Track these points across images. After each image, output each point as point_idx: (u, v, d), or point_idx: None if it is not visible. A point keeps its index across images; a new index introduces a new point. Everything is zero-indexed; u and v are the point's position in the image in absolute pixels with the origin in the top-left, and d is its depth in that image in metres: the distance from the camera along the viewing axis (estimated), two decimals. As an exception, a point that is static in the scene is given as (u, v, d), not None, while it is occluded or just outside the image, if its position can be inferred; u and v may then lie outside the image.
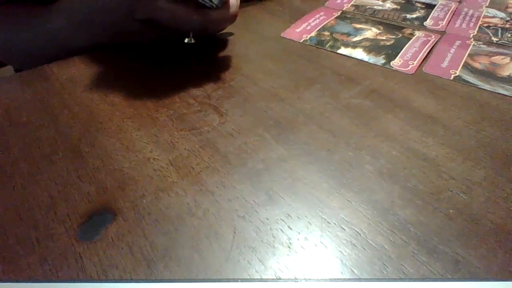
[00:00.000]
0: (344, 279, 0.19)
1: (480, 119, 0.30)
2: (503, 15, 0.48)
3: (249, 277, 0.19)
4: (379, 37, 0.43)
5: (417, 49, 0.40)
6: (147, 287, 0.19)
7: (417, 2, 0.53)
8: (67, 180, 0.25)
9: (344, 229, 0.22)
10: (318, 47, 0.41)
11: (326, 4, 0.52)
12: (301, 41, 0.43)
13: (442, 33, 0.44)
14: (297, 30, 0.45)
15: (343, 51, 0.40)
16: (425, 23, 0.47)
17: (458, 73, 0.36)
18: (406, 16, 0.49)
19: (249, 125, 0.30)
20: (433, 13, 0.49)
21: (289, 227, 0.22)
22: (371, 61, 0.38)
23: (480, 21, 0.47)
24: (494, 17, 0.48)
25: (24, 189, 0.24)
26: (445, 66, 0.38)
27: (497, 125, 0.30)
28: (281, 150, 0.27)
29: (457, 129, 0.29)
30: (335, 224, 0.22)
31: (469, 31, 0.45)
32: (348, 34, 0.44)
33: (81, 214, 0.23)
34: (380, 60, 0.39)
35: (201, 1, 0.31)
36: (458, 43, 0.42)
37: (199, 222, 0.22)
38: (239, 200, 0.24)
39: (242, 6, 0.38)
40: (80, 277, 0.19)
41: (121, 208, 0.23)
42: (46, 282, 0.19)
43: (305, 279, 0.19)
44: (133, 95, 0.33)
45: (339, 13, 0.49)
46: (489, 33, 0.44)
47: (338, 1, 0.53)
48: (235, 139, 0.28)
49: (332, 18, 0.48)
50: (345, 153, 0.27)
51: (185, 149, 0.27)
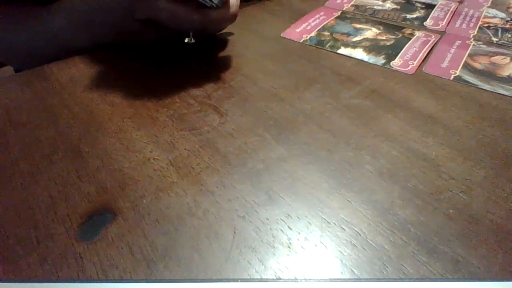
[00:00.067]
0: (344, 279, 0.19)
1: (480, 119, 0.30)
2: (503, 15, 0.48)
3: (249, 277, 0.19)
4: (379, 37, 0.43)
5: (417, 49, 0.40)
6: (147, 287, 0.19)
7: (417, 2, 0.53)
8: (67, 180, 0.25)
9: (344, 229, 0.22)
10: (318, 47, 0.41)
11: (326, 4, 0.52)
12: (301, 41, 0.43)
13: (442, 33, 0.44)
14: (297, 30, 0.45)
15: (343, 51, 0.40)
16: (425, 23, 0.47)
17: (458, 73, 0.36)
18: (406, 16, 0.49)
19: (249, 125, 0.30)
20: (433, 13, 0.49)
21: (289, 227, 0.22)
22: (371, 61, 0.38)
23: (480, 21, 0.47)
24: (494, 17, 0.48)
25: (24, 189, 0.24)
26: (445, 66, 0.38)
27: (497, 125, 0.30)
28: (281, 150, 0.27)
29: (457, 129, 0.29)
30: (335, 224, 0.22)
31: (469, 31, 0.45)
32: (348, 34, 0.44)
33: (81, 214, 0.23)
34: (380, 60, 0.39)
35: (201, 0, 0.31)
36: (458, 43, 0.42)
37: (199, 222, 0.22)
38: (239, 200, 0.24)
39: (242, 6, 0.38)
40: (80, 277, 0.19)
41: (121, 208, 0.23)
42: (46, 282, 0.19)
43: (305, 279, 0.19)
44: (133, 95, 0.33)
45: (339, 13, 0.49)
46: (489, 33, 0.44)
47: (338, 1, 0.53)
48: (235, 139, 0.28)
49: (332, 18, 0.48)
50: (345, 153, 0.27)
51: (185, 149, 0.27)
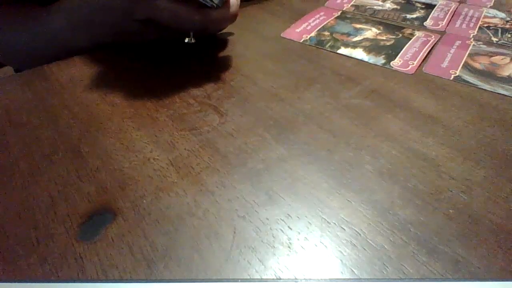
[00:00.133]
0: (344, 279, 0.19)
1: (480, 119, 0.30)
2: (503, 16, 0.48)
3: (249, 277, 0.19)
4: (379, 37, 0.43)
5: (417, 49, 0.40)
6: (147, 287, 0.19)
7: (417, 2, 0.53)
8: (67, 180, 0.25)
9: (344, 229, 0.22)
10: (318, 47, 0.41)
11: (326, 4, 0.52)
12: (301, 41, 0.43)
13: (442, 33, 0.44)
14: (297, 30, 0.45)
15: (343, 51, 0.40)
16: (425, 23, 0.47)
17: (458, 73, 0.36)
18: (406, 16, 0.49)
19: (249, 125, 0.30)
20: (433, 13, 0.49)
21: (289, 227, 0.22)
22: (371, 61, 0.38)
23: (480, 21, 0.47)
24: (494, 17, 0.48)
25: (24, 189, 0.24)
26: (445, 66, 0.38)
27: (497, 125, 0.30)
28: (281, 150, 0.27)
29: (457, 129, 0.29)
30: (335, 224, 0.22)
31: (469, 31, 0.45)
32: (348, 34, 0.44)
33: (81, 214, 0.23)
34: (380, 60, 0.39)
35: (201, 0, 0.31)
36: (458, 43, 0.42)
37: (199, 222, 0.22)
38: (239, 200, 0.24)
39: (242, 6, 0.38)
40: (80, 277, 0.19)
41: (121, 208, 0.23)
42: (46, 282, 0.19)
43: (305, 279, 0.19)
44: (133, 95, 0.33)
45: (339, 13, 0.49)
46: (489, 33, 0.44)
47: (338, 1, 0.53)
48: (235, 139, 0.28)
49: (332, 18, 0.48)
50: (345, 153, 0.27)
51: (185, 149, 0.27)
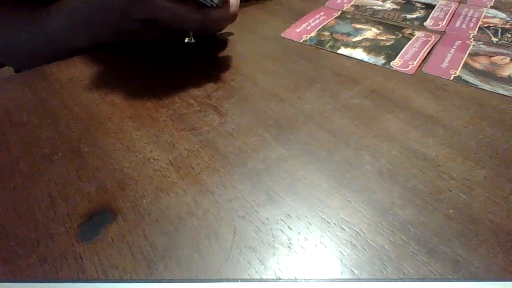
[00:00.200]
0: (344, 279, 0.19)
1: (480, 119, 0.30)
2: (503, 16, 0.48)
3: (249, 277, 0.19)
4: (379, 37, 0.43)
5: (417, 49, 0.40)
6: (147, 287, 0.19)
7: (417, 2, 0.53)
8: (67, 180, 0.25)
9: (344, 229, 0.22)
10: (318, 47, 0.41)
11: (326, 4, 0.52)
12: (301, 41, 0.43)
13: (442, 33, 0.44)
14: (297, 30, 0.45)
15: (343, 51, 0.40)
16: (425, 23, 0.47)
17: (458, 73, 0.36)
18: (406, 16, 0.49)
19: (249, 125, 0.30)
20: (433, 13, 0.49)
21: (289, 227, 0.22)
22: (371, 61, 0.38)
23: (480, 21, 0.47)
24: (494, 17, 0.48)
25: (24, 189, 0.24)
26: (445, 66, 0.38)
27: (497, 125, 0.30)
28: (281, 150, 0.27)
29: (457, 129, 0.29)
30: (335, 224, 0.22)
31: (469, 31, 0.45)
32: (348, 34, 0.44)
33: (81, 214, 0.23)
34: (380, 60, 0.39)
35: (201, 0, 0.31)
36: (458, 43, 0.42)
37: (199, 222, 0.22)
38: (239, 200, 0.24)
39: (242, 6, 0.38)
40: (80, 277, 0.19)
41: (121, 208, 0.23)
42: (46, 282, 0.19)
43: (305, 279, 0.19)
44: (133, 95, 0.33)
45: (339, 13, 0.49)
46: (489, 33, 0.44)
47: (338, 1, 0.53)
48: (235, 139, 0.28)
49: (332, 18, 0.48)
50: (345, 153, 0.27)
51: (185, 149, 0.27)
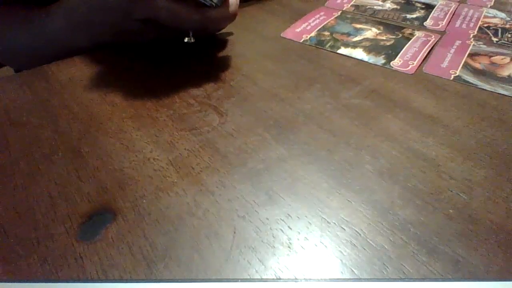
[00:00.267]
0: (344, 279, 0.19)
1: (480, 119, 0.30)
2: (503, 15, 0.48)
3: (249, 277, 0.19)
4: (379, 37, 0.43)
5: (417, 49, 0.40)
6: (147, 287, 0.19)
7: (417, 2, 0.53)
8: (67, 180, 0.25)
9: (344, 229, 0.22)
10: (318, 47, 0.41)
11: (326, 4, 0.52)
12: (301, 41, 0.43)
13: (442, 33, 0.44)
14: (297, 30, 0.45)
15: (343, 51, 0.40)
16: (425, 23, 0.47)
17: (458, 73, 0.36)
18: (406, 16, 0.49)
19: (249, 125, 0.30)
20: (433, 13, 0.49)
21: (289, 227, 0.22)
22: (371, 61, 0.38)
23: (480, 21, 0.47)
24: (494, 17, 0.48)
25: (24, 189, 0.24)
26: (445, 66, 0.38)
27: (497, 125, 0.30)
28: (281, 150, 0.27)
29: (457, 129, 0.29)
30: (335, 224, 0.22)
31: (469, 31, 0.45)
32: (348, 34, 0.44)
33: (81, 214, 0.23)
34: (380, 60, 0.39)
35: (201, 0, 0.31)
36: (458, 43, 0.42)
37: (199, 222, 0.22)
38: (239, 200, 0.24)
39: (242, 6, 0.38)
40: (80, 277, 0.19)
41: (121, 208, 0.23)
42: (46, 282, 0.19)
43: (305, 279, 0.19)
44: (133, 95, 0.33)
45: (339, 13, 0.49)
46: (489, 33, 0.44)
47: (338, 1, 0.53)
48: (235, 139, 0.28)
49: (332, 18, 0.48)
50: (345, 153, 0.27)
51: (185, 149, 0.27)
